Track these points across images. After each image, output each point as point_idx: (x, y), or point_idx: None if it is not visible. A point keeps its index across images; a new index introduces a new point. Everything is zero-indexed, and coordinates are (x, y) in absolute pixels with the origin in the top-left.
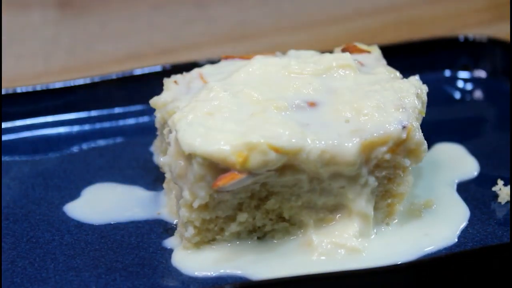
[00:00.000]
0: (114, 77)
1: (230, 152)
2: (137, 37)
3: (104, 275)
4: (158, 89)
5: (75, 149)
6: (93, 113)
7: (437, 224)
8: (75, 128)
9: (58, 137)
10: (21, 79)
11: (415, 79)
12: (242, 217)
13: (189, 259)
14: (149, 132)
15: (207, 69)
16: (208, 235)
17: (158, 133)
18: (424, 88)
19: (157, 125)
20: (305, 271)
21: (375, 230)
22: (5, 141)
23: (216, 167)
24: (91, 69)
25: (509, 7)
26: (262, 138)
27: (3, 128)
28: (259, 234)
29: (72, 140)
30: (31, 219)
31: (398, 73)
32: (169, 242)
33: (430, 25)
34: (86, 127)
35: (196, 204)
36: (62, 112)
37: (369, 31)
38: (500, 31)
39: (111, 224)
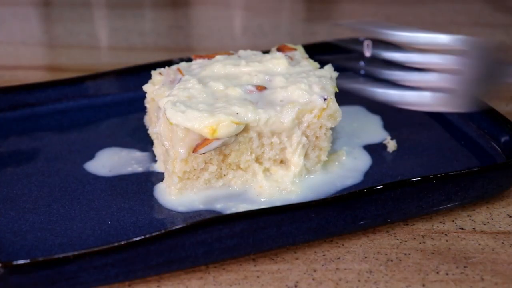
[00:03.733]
0: (109, 70)
1: (204, 126)
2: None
3: (116, 213)
4: (145, 79)
5: (80, 124)
6: (93, 101)
7: (348, 169)
8: (80, 115)
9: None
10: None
11: (329, 67)
12: (212, 168)
13: (175, 200)
14: (140, 110)
15: (183, 65)
16: (188, 182)
17: (147, 110)
18: (335, 74)
19: (147, 104)
20: (258, 207)
21: (306, 176)
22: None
23: (192, 134)
24: (85, 67)
25: None
26: (226, 115)
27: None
28: (224, 182)
29: (78, 122)
30: (61, 174)
31: (317, 64)
32: (160, 188)
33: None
34: (89, 114)
35: (178, 160)
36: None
37: None
38: None
39: (118, 176)
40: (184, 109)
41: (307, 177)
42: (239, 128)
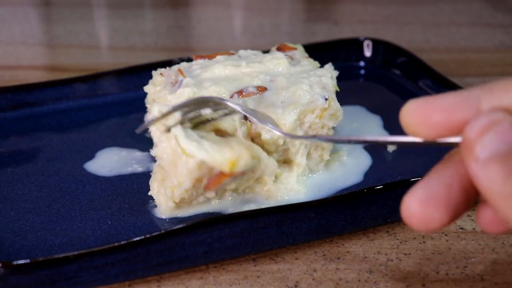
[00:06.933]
0: (111, 70)
1: (225, 159)
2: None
3: (116, 213)
4: (145, 79)
5: (81, 123)
6: (93, 101)
7: (349, 168)
8: (77, 115)
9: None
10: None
11: (329, 66)
12: (211, 194)
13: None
14: (141, 110)
15: (183, 65)
16: (182, 204)
17: (147, 110)
18: (335, 73)
19: (147, 104)
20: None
21: (310, 175)
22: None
23: (205, 167)
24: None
25: None
26: (246, 149)
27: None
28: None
29: (76, 122)
30: (61, 174)
31: (317, 63)
32: None
33: None
34: (89, 114)
35: (181, 189)
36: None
37: None
38: None
39: (118, 176)
40: (198, 139)
41: (310, 176)
42: (254, 164)
